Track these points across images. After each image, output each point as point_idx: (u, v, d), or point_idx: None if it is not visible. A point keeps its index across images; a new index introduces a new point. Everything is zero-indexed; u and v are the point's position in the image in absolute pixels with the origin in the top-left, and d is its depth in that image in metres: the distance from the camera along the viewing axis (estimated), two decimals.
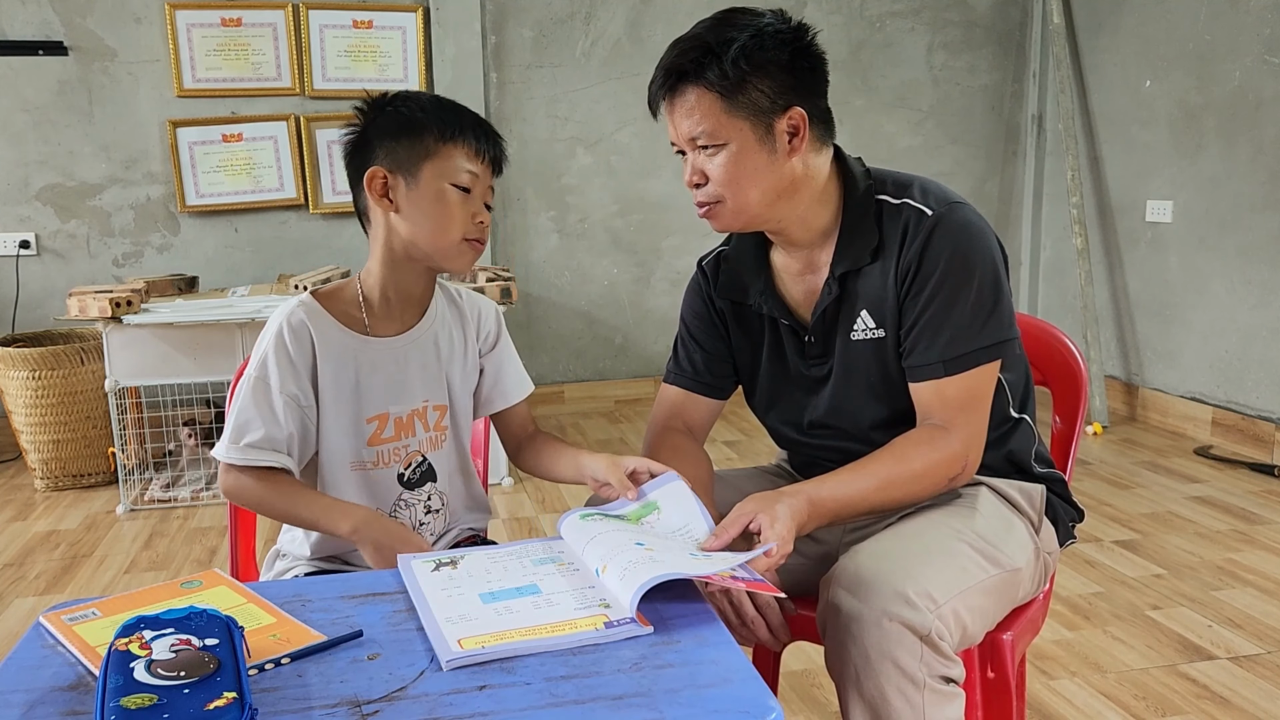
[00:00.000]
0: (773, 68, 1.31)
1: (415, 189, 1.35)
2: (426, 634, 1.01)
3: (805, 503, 1.24)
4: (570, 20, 4.27)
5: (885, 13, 4.52)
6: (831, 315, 1.41)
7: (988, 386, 1.35)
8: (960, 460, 1.33)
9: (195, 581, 1.16)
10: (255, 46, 4.00)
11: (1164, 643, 2.28)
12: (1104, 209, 4.31)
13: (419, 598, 1.09)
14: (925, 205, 1.35)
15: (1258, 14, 3.55)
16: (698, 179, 1.35)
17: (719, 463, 3.65)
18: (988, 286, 1.33)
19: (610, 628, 1.00)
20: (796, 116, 1.33)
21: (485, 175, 1.38)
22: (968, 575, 1.25)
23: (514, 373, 1.54)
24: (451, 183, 1.35)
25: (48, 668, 0.98)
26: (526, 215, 4.37)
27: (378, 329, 1.41)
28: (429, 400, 1.44)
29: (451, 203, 1.35)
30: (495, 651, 0.96)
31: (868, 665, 1.14)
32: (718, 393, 1.55)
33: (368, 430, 1.40)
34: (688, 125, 1.32)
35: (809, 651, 2.20)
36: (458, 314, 1.49)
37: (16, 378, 3.41)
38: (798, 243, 1.42)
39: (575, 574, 1.14)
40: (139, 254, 4.04)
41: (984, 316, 1.33)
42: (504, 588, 1.10)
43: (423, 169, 1.35)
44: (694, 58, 1.30)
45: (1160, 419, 4.05)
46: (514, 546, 1.24)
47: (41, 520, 3.23)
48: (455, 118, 1.36)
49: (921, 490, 1.33)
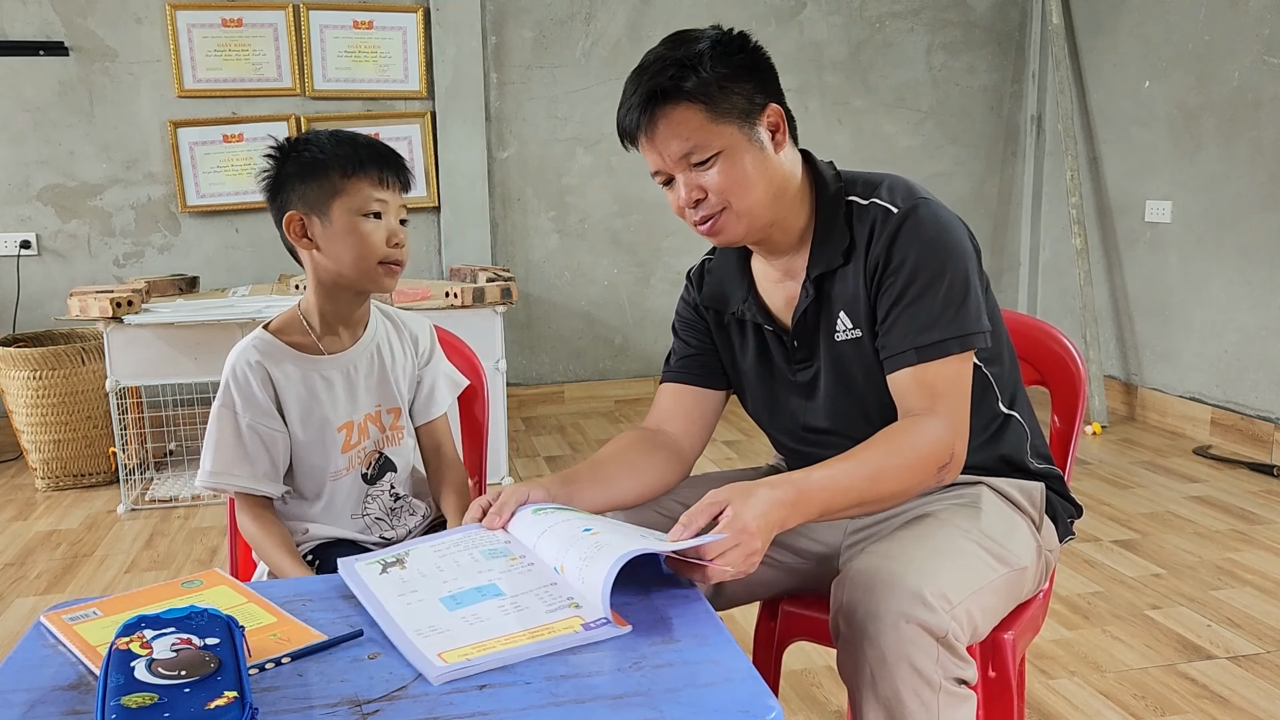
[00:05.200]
0: (742, 70, 1.32)
1: (330, 226, 1.43)
2: (398, 649, 0.98)
3: (791, 492, 1.17)
4: (570, 21, 4.27)
5: (885, 13, 4.52)
6: (812, 318, 1.41)
7: (963, 376, 1.33)
8: (948, 448, 1.29)
9: (196, 581, 1.16)
10: (256, 47, 4.00)
11: (1163, 642, 2.28)
12: (1103, 209, 4.31)
13: (376, 608, 1.06)
14: (891, 203, 1.36)
15: (1257, 14, 3.55)
16: (697, 195, 1.33)
17: (719, 463, 3.66)
18: (958, 279, 1.32)
19: (589, 629, 1.00)
20: (774, 113, 1.34)
21: (393, 198, 1.45)
22: (979, 575, 1.26)
23: (440, 388, 1.64)
24: (362, 213, 1.43)
25: (48, 667, 0.98)
26: (526, 215, 4.38)
27: (328, 347, 1.52)
28: (381, 404, 1.56)
29: (365, 232, 1.43)
30: (482, 663, 0.94)
31: (884, 667, 1.14)
32: (710, 382, 1.54)
33: (339, 439, 1.51)
34: (676, 145, 1.31)
35: (809, 651, 2.20)
36: (393, 328, 1.61)
37: (17, 378, 3.42)
38: (777, 249, 1.42)
39: (531, 570, 1.12)
40: (140, 254, 4.04)
41: (954, 307, 1.32)
42: (463, 589, 1.09)
43: (333, 206, 1.43)
44: (670, 75, 1.29)
45: (1159, 419, 4.06)
46: (457, 535, 1.23)
47: (42, 520, 3.24)
48: (355, 152, 1.43)
49: (911, 481, 1.28)
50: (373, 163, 1.44)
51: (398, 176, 1.46)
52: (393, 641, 1.00)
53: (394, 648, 0.99)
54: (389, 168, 1.45)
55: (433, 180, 4.19)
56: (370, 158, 1.44)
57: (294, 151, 1.45)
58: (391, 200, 1.45)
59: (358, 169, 1.43)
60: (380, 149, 1.46)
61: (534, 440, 4.04)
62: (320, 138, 1.45)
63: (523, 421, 4.31)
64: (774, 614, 1.51)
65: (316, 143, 1.44)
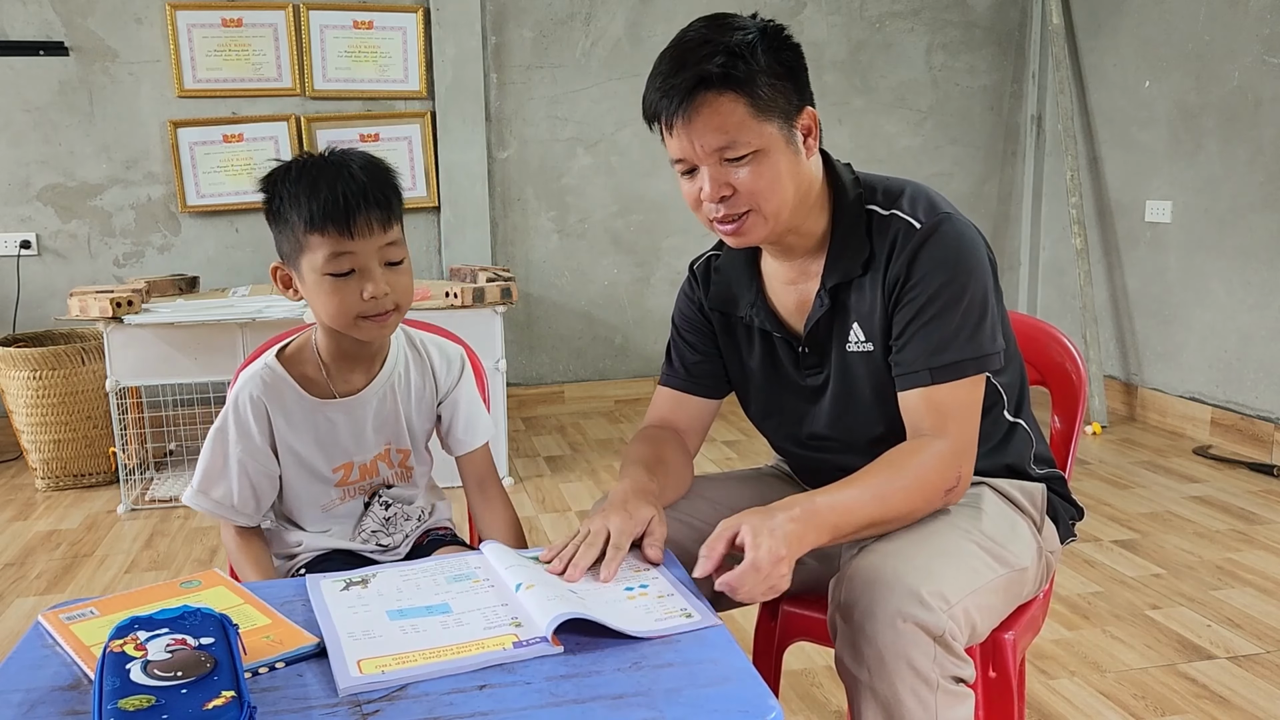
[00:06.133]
0: (788, 68, 1.27)
1: (302, 281, 1.34)
2: (328, 653, 0.97)
3: (802, 514, 1.17)
4: (570, 21, 4.27)
5: (885, 13, 4.52)
6: (825, 327, 1.39)
7: (974, 398, 1.32)
8: (955, 471, 1.29)
9: (194, 581, 1.16)
10: (256, 47, 4.00)
11: (1163, 642, 2.28)
12: (1103, 209, 4.31)
13: (323, 614, 1.06)
14: (914, 217, 1.32)
15: (1257, 14, 3.55)
16: (724, 191, 1.27)
17: (719, 463, 3.67)
18: (976, 300, 1.30)
19: (519, 647, 0.98)
20: (809, 117, 1.31)
21: (367, 245, 1.29)
22: (978, 575, 1.25)
23: (465, 421, 1.54)
24: (325, 272, 1.30)
25: (47, 667, 0.98)
26: (526, 215, 4.38)
27: (339, 387, 1.43)
28: (391, 444, 1.49)
29: (332, 291, 1.30)
30: (395, 678, 0.93)
31: (882, 666, 1.14)
32: (712, 392, 1.53)
33: (334, 477, 1.47)
34: (714, 136, 1.24)
35: (809, 651, 2.20)
36: (418, 358, 1.51)
37: (17, 378, 3.41)
38: (792, 251, 1.39)
39: (489, 591, 1.11)
40: (140, 254, 4.04)
41: (971, 328, 1.30)
42: (413, 605, 1.08)
43: (301, 262, 1.32)
44: (721, 62, 1.22)
45: (1159, 419, 4.06)
46: (429, 563, 1.22)
47: (42, 520, 3.24)
48: (316, 204, 1.27)
49: (918, 503, 1.27)
50: (333, 217, 1.26)
51: (374, 218, 1.28)
52: (326, 644, 0.99)
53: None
54: (358, 213, 1.27)
55: (433, 180, 4.19)
56: (330, 210, 1.26)
57: (267, 191, 1.33)
58: (364, 248, 1.28)
59: (315, 225, 1.27)
60: (346, 195, 1.27)
61: (534, 440, 4.04)
62: (290, 177, 1.31)
63: (523, 421, 4.31)
64: (774, 614, 1.50)
65: (284, 183, 1.31)
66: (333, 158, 1.32)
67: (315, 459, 1.44)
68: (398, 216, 1.33)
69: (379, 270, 1.31)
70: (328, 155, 1.33)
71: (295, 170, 1.31)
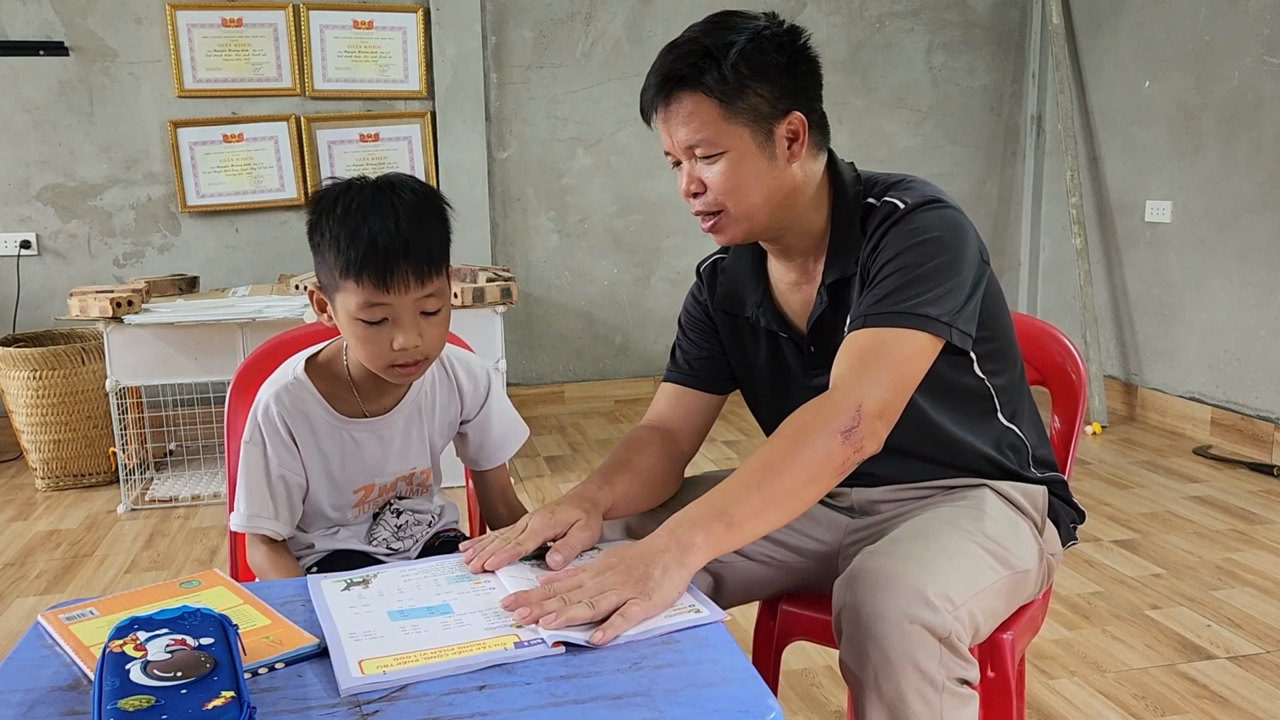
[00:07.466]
0: (772, 72, 1.28)
1: (335, 315, 1.30)
2: (330, 654, 0.97)
3: (677, 515, 1.14)
4: (570, 21, 4.27)
5: (885, 13, 4.52)
6: (828, 325, 1.39)
7: (904, 350, 1.23)
8: (849, 410, 1.18)
9: (194, 581, 1.16)
10: (256, 47, 4.00)
11: (1163, 642, 2.28)
12: (1103, 209, 4.31)
13: (324, 614, 1.06)
14: (902, 200, 1.32)
15: (1257, 14, 3.55)
16: (695, 188, 1.31)
17: (719, 463, 3.66)
18: (941, 271, 1.26)
19: (521, 647, 0.98)
20: (796, 121, 1.31)
21: (403, 298, 1.24)
22: (982, 577, 1.25)
23: (499, 439, 1.54)
24: (356, 318, 1.25)
25: (47, 667, 0.98)
26: (526, 215, 4.38)
27: (367, 406, 1.41)
28: (415, 466, 1.48)
29: (363, 338, 1.26)
30: (396, 678, 0.93)
31: (888, 667, 1.14)
32: (713, 388, 1.52)
33: (354, 498, 1.45)
34: (685, 133, 1.29)
35: (809, 651, 2.20)
36: (445, 378, 1.48)
37: (17, 378, 3.41)
38: (792, 251, 1.40)
39: (491, 592, 1.11)
40: (140, 254, 4.04)
41: (922, 292, 1.25)
42: (414, 606, 1.08)
43: (335, 298, 1.28)
44: (691, 62, 1.26)
45: (1159, 419, 4.06)
46: (430, 563, 1.21)
47: (42, 520, 3.24)
48: (355, 251, 1.21)
49: (806, 455, 1.17)
50: (370, 268, 1.21)
51: (411, 272, 1.22)
52: (328, 645, 0.99)
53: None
54: (396, 268, 1.21)
55: (432, 180, 4.19)
56: (368, 261, 1.21)
57: (313, 215, 1.29)
58: (400, 301, 1.23)
59: (353, 271, 1.22)
60: (387, 249, 1.21)
61: (534, 440, 4.04)
62: (335, 213, 1.25)
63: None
64: (773, 614, 1.50)
65: (329, 218, 1.25)
66: (381, 195, 1.26)
67: (338, 478, 1.42)
68: (439, 267, 1.27)
69: (411, 321, 1.26)
70: (378, 187, 1.27)
71: (342, 205, 1.25)
